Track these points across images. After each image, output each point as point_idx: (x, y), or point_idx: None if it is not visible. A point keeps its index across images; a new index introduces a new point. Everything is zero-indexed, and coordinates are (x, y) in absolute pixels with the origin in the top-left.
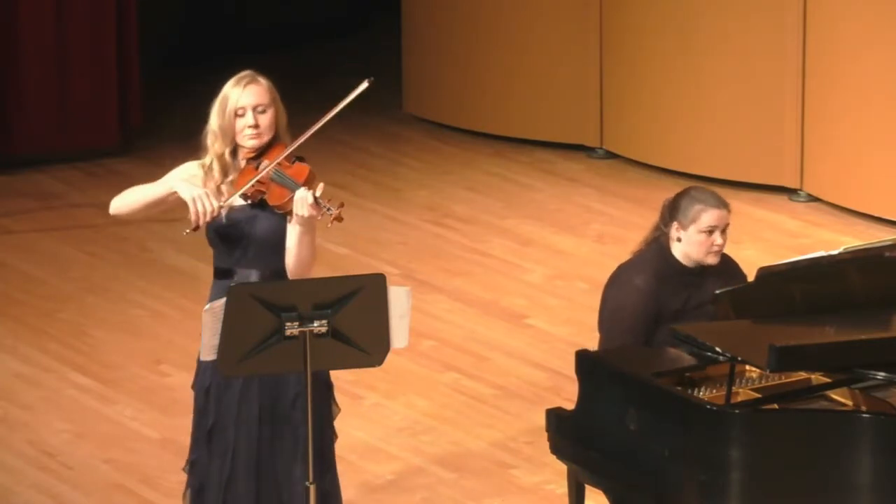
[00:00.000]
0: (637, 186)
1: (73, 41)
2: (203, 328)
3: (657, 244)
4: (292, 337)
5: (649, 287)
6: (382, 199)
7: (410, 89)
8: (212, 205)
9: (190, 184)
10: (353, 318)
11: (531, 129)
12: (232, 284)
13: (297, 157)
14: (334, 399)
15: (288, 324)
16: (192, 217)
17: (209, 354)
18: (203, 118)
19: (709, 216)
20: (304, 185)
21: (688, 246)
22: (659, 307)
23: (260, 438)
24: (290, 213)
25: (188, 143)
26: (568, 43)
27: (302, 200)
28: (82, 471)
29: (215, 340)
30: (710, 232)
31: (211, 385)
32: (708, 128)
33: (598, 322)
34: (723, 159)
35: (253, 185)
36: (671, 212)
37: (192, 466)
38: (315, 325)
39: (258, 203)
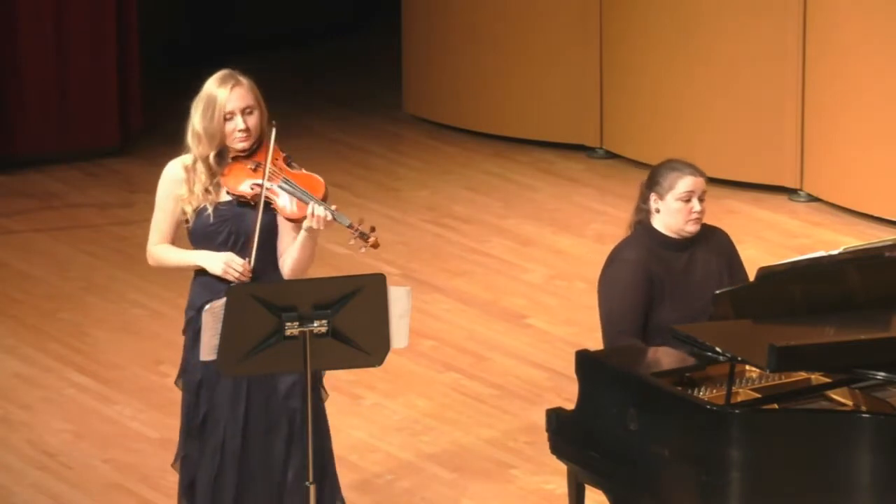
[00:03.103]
0: (637, 186)
1: (73, 42)
2: (203, 328)
3: (641, 224)
4: (292, 337)
5: (639, 257)
6: (382, 199)
7: (410, 89)
8: (242, 266)
9: (209, 257)
10: (353, 318)
11: (531, 129)
12: (232, 285)
13: (286, 156)
14: (322, 386)
15: (288, 324)
16: (234, 280)
17: (209, 354)
18: None
19: (685, 182)
20: (321, 199)
21: (667, 215)
22: (651, 277)
23: (245, 435)
24: (299, 223)
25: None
26: (568, 43)
27: (318, 216)
28: (82, 470)
29: (215, 340)
30: (688, 199)
31: (203, 379)
32: (708, 128)
33: (599, 309)
34: (723, 159)
35: (253, 189)
36: (649, 184)
37: (183, 462)
38: (315, 325)
39: (251, 203)
